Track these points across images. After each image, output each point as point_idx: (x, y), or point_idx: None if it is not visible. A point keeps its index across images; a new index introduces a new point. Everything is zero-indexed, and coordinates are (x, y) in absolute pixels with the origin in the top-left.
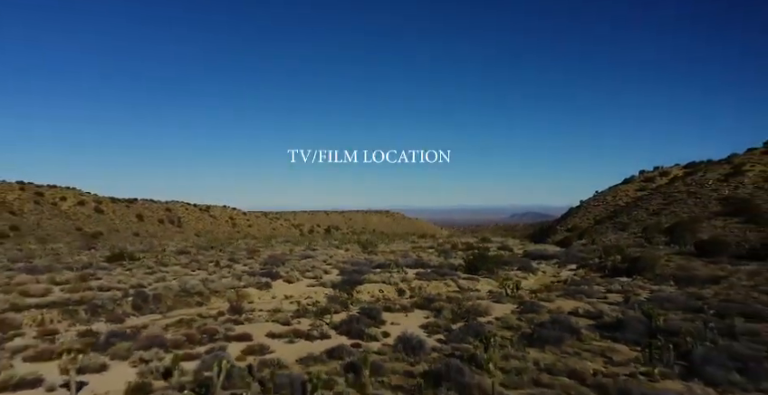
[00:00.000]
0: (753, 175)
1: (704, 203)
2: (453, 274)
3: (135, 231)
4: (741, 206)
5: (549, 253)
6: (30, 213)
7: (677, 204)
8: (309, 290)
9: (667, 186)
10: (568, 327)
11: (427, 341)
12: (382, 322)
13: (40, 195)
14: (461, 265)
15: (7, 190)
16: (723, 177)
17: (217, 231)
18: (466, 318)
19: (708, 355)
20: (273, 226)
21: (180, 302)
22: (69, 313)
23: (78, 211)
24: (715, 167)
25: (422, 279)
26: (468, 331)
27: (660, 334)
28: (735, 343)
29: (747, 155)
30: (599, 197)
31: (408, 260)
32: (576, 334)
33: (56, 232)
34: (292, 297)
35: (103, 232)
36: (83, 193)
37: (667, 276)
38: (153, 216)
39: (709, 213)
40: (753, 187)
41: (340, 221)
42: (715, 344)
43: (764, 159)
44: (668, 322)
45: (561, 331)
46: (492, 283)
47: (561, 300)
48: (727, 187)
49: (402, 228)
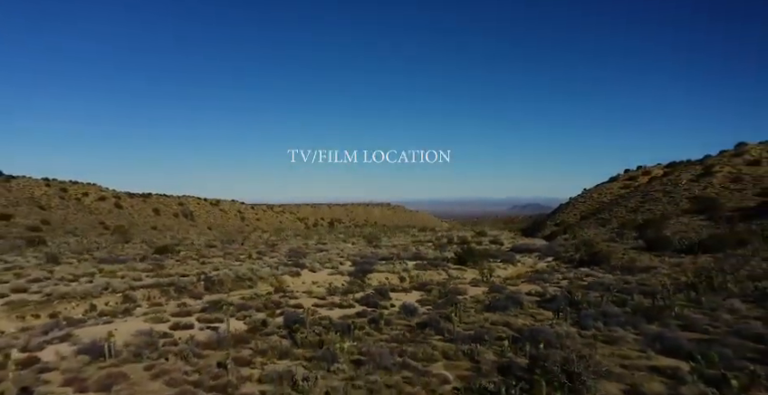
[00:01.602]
0: (722, 175)
1: (676, 201)
2: (445, 265)
3: (153, 225)
4: (706, 204)
5: (534, 246)
6: (56, 208)
7: (653, 202)
8: (330, 277)
9: (646, 185)
10: (516, 301)
11: (419, 308)
12: (389, 298)
13: (64, 191)
14: (453, 258)
15: (34, 186)
16: (695, 177)
17: (228, 225)
18: (447, 295)
19: (589, 313)
20: (280, 220)
21: (237, 285)
22: (164, 291)
23: (99, 206)
24: (689, 167)
25: (419, 269)
26: (447, 302)
27: (573, 304)
28: (615, 308)
29: (718, 157)
30: (585, 195)
31: (408, 253)
32: (520, 305)
33: (82, 226)
34: (318, 283)
35: (124, 226)
36: (103, 189)
37: (617, 267)
38: (168, 210)
39: (679, 211)
40: (720, 187)
41: (342, 214)
42: (598, 308)
43: (733, 161)
44: (584, 296)
45: (510, 303)
46: (476, 272)
47: (524, 284)
48: (697, 187)
49: (403, 221)
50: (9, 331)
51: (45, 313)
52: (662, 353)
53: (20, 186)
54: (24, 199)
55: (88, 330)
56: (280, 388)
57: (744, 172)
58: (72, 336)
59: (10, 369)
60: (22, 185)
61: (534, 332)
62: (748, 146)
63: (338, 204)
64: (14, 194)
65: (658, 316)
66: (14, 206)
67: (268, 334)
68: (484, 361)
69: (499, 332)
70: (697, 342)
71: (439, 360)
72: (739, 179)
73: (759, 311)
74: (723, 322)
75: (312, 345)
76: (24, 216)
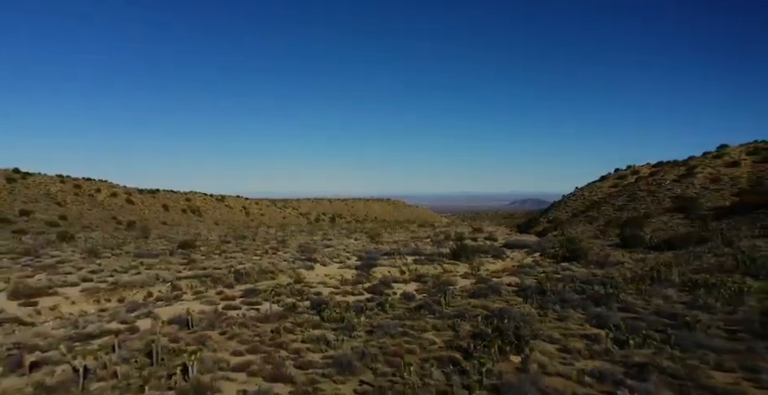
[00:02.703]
0: (702, 176)
1: (659, 200)
2: (440, 260)
3: (162, 220)
4: (685, 204)
5: (525, 243)
6: (72, 204)
7: (639, 201)
8: (339, 271)
9: (633, 184)
10: (496, 290)
11: (416, 295)
12: (392, 287)
13: (78, 187)
14: (448, 254)
15: (49, 183)
16: (678, 177)
17: (233, 220)
18: (440, 286)
19: (550, 299)
20: (283, 215)
21: (261, 277)
22: (202, 282)
23: (112, 202)
24: (674, 168)
25: (418, 264)
26: (439, 291)
27: (541, 293)
28: (574, 295)
29: (701, 158)
30: (577, 193)
31: (407, 249)
32: (498, 293)
33: (97, 221)
34: (330, 275)
35: (136, 221)
36: (114, 185)
37: (592, 262)
38: (176, 206)
39: (662, 209)
40: (701, 188)
41: (343, 209)
42: (560, 295)
43: (714, 163)
44: (552, 286)
45: (490, 291)
46: (468, 266)
47: (507, 277)
48: (679, 187)
49: (403, 216)
50: (90, 311)
51: (114, 298)
52: (595, 326)
53: (36, 182)
54: (41, 196)
55: (162, 309)
56: (318, 345)
57: (723, 173)
58: (153, 313)
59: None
60: (38, 181)
61: (503, 312)
62: (729, 148)
63: (338, 199)
64: (31, 191)
65: (605, 301)
66: (33, 202)
67: (300, 313)
68: (462, 331)
69: (477, 312)
70: (624, 319)
71: (430, 330)
72: (718, 180)
73: (687, 297)
74: (653, 306)
75: (336, 320)
76: (43, 211)
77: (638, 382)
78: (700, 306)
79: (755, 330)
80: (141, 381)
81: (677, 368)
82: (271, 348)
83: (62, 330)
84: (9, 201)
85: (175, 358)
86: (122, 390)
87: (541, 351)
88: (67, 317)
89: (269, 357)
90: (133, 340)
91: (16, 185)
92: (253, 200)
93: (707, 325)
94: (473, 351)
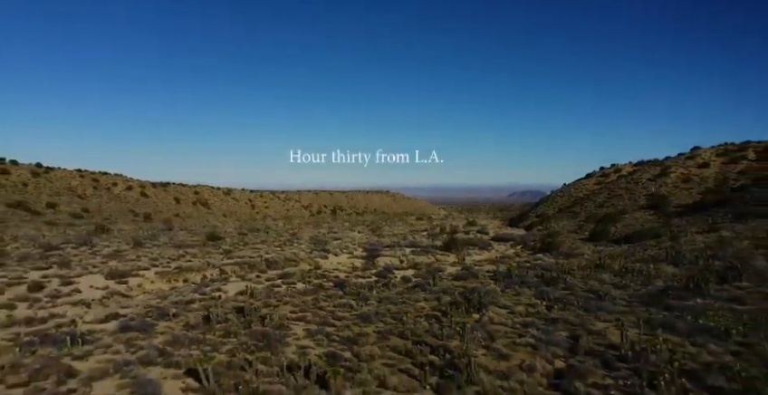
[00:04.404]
0: (675, 176)
1: (635, 198)
2: (434, 251)
3: (175, 212)
4: (657, 201)
5: (512, 236)
6: (92, 197)
7: (617, 198)
8: (349, 260)
9: (614, 182)
10: (474, 274)
11: (413, 278)
12: (393, 273)
13: (96, 181)
14: (440, 246)
15: (69, 177)
16: (653, 176)
17: (240, 212)
18: (431, 271)
19: (513, 281)
20: (287, 207)
21: (286, 264)
22: (242, 268)
23: (127, 195)
24: (651, 167)
25: (414, 254)
26: (429, 275)
27: (509, 276)
28: (533, 279)
29: (675, 159)
30: (564, 189)
31: (406, 242)
32: (476, 277)
33: (115, 213)
34: (342, 263)
35: (151, 213)
36: (129, 179)
37: (562, 252)
38: (187, 198)
39: (636, 206)
40: (672, 186)
41: (343, 201)
42: (522, 278)
43: (686, 164)
44: (518, 272)
45: (470, 275)
46: (456, 257)
47: (488, 265)
48: (654, 185)
49: (402, 208)
50: (166, 289)
51: (180, 279)
52: (539, 299)
53: (58, 177)
54: (63, 189)
55: (225, 286)
56: (345, 309)
57: (694, 173)
58: (221, 289)
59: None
60: (59, 176)
61: (475, 289)
62: (701, 150)
63: (339, 191)
64: (54, 184)
65: (554, 282)
66: (58, 195)
67: (327, 290)
68: (444, 301)
69: (456, 290)
70: (561, 294)
71: (421, 301)
72: (689, 180)
73: (617, 280)
74: (588, 285)
75: (354, 294)
76: (67, 204)
77: (547, 326)
78: (620, 286)
79: (645, 300)
80: (245, 324)
81: (576, 320)
82: (315, 309)
83: (157, 300)
84: (36, 194)
85: (255, 313)
86: (237, 327)
87: (494, 312)
88: (154, 292)
89: (316, 313)
90: (220, 304)
91: (41, 179)
92: (258, 193)
93: (614, 297)
94: (448, 312)
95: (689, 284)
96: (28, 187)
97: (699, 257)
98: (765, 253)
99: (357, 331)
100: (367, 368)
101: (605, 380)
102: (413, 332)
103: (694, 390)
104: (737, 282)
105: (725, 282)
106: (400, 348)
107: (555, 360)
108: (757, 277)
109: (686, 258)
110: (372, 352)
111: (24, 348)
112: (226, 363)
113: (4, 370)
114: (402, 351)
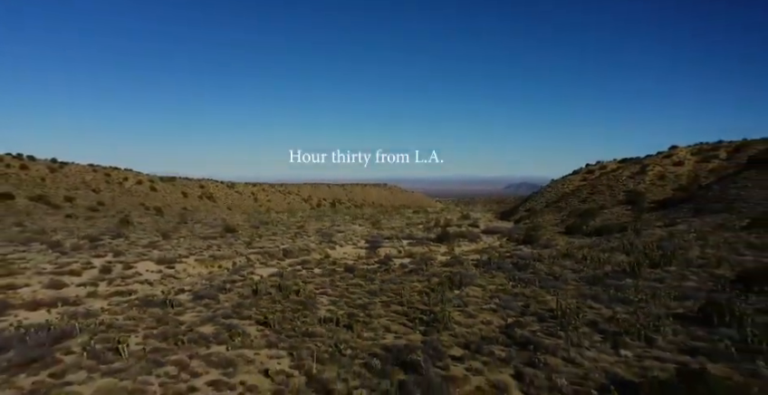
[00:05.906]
0: (652, 173)
1: (615, 194)
2: (428, 243)
3: (183, 206)
4: (634, 197)
5: (500, 229)
6: (105, 191)
7: (599, 194)
8: (353, 250)
9: (597, 179)
10: (460, 262)
11: (409, 265)
12: (393, 261)
13: (108, 175)
14: (434, 238)
15: (83, 172)
16: (632, 174)
17: (244, 205)
18: (425, 260)
19: (492, 267)
20: (288, 201)
21: (300, 253)
22: (263, 257)
23: (138, 189)
24: (632, 165)
25: (410, 246)
26: (422, 262)
27: (489, 263)
28: (509, 265)
29: (654, 157)
30: (553, 185)
31: (403, 234)
32: (461, 264)
33: (128, 207)
34: (347, 253)
35: (161, 207)
36: (138, 173)
37: (540, 244)
38: (193, 192)
39: (615, 202)
40: (649, 183)
41: (341, 194)
42: (500, 265)
43: (663, 162)
44: (498, 259)
45: (457, 263)
46: (447, 247)
47: (473, 254)
48: (632, 182)
49: (399, 201)
50: (204, 273)
51: (215, 265)
52: (511, 281)
53: (72, 172)
54: (79, 184)
55: (257, 271)
56: (357, 287)
57: (670, 171)
58: (255, 272)
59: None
60: (74, 171)
61: (458, 273)
62: (677, 149)
63: (337, 184)
64: (70, 179)
65: (524, 268)
66: (74, 189)
67: (339, 273)
68: (433, 281)
69: (444, 273)
70: (527, 276)
71: (415, 282)
72: (664, 177)
73: (576, 266)
74: (552, 271)
75: (362, 276)
76: (83, 198)
77: (508, 297)
78: (576, 270)
79: (590, 280)
80: (284, 295)
81: (532, 294)
82: (332, 287)
83: (205, 280)
84: (54, 189)
85: (290, 288)
86: (279, 297)
87: (471, 289)
88: (198, 275)
89: (334, 290)
90: (261, 282)
91: (57, 174)
92: (260, 186)
93: (567, 278)
94: (435, 289)
95: (626, 269)
96: (46, 182)
97: (646, 247)
98: (703, 244)
99: (367, 301)
100: (376, 321)
101: (536, 328)
102: (408, 301)
103: (587, 332)
104: (667, 266)
105: (657, 266)
106: (399, 311)
107: (509, 318)
108: (685, 263)
109: (637, 249)
110: (379, 313)
111: (136, 309)
112: (282, 317)
113: (135, 320)
114: (401, 312)
